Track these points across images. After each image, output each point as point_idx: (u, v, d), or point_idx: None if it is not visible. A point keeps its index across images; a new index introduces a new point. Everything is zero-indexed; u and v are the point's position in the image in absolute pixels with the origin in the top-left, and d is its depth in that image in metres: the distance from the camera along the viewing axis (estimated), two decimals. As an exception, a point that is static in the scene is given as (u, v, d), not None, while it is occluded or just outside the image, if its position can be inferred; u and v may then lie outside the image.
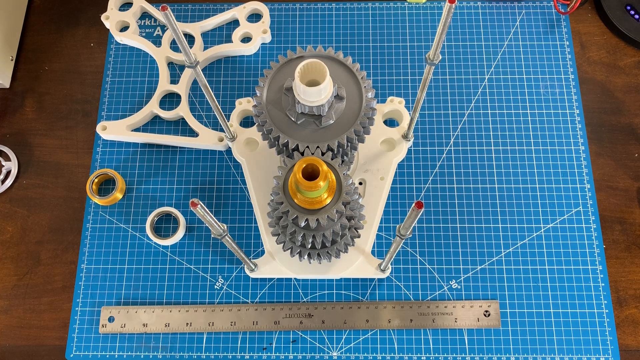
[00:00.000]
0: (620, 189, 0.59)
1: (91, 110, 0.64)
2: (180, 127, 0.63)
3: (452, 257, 0.57)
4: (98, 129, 0.61)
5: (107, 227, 0.59)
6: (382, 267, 0.54)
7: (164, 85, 0.63)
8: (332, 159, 0.43)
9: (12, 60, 0.66)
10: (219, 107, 0.51)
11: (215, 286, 0.57)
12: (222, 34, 0.67)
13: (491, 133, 0.61)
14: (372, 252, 0.56)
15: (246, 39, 0.66)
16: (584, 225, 0.58)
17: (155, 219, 0.58)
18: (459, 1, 0.67)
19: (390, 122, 0.62)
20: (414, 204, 0.33)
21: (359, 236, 0.48)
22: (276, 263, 0.55)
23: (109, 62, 0.66)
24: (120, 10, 0.67)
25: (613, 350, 0.53)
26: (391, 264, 0.56)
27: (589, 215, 0.58)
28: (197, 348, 0.54)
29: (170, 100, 0.64)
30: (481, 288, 0.56)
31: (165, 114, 0.62)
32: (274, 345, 0.54)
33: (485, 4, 0.67)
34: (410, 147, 0.61)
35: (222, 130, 0.62)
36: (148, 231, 0.57)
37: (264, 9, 0.66)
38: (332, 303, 0.55)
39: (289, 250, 0.49)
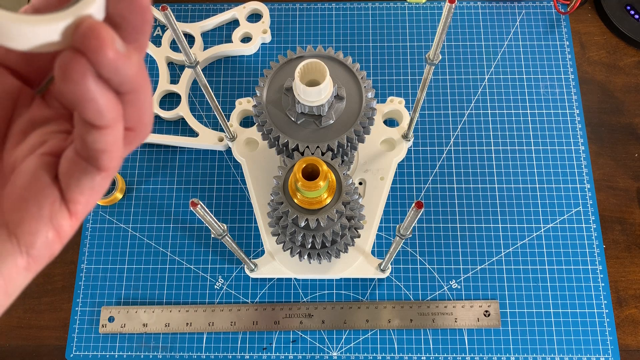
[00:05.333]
0: (620, 189, 0.59)
1: (91, 110, 0.64)
2: (180, 127, 0.63)
3: (452, 257, 0.57)
4: (98, 129, 0.61)
5: (107, 227, 0.59)
6: (382, 267, 0.54)
7: (163, 85, 0.63)
8: (332, 159, 0.43)
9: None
10: (219, 107, 0.51)
11: (215, 286, 0.57)
12: (222, 34, 0.67)
13: (491, 133, 0.61)
14: (372, 252, 0.56)
15: (246, 39, 0.66)
16: (584, 225, 0.58)
17: None
18: (458, 1, 0.67)
19: (390, 122, 0.62)
20: (413, 204, 0.33)
21: (359, 236, 0.48)
22: (276, 263, 0.55)
23: (109, 62, 0.66)
24: (120, 10, 0.67)
25: (613, 350, 0.53)
26: (391, 264, 0.56)
27: (589, 215, 0.58)
28: (197, 348, 0.54)
29: (170, 100, 0.64)
30: (481, 288, 0.56)
31: (165, 114, 0.62)
32: (274, 345, 0.54)
33: (485, 4, 0.67)
34: (410, 147, 0.61)
35: (222, 130, 0.62)
36: None
37: (264, 9, 0.66)
38: (332, 303, 0.55)
39: (289, 250, 0.49)
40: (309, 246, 0.46)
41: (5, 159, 0.19)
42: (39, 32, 0.15)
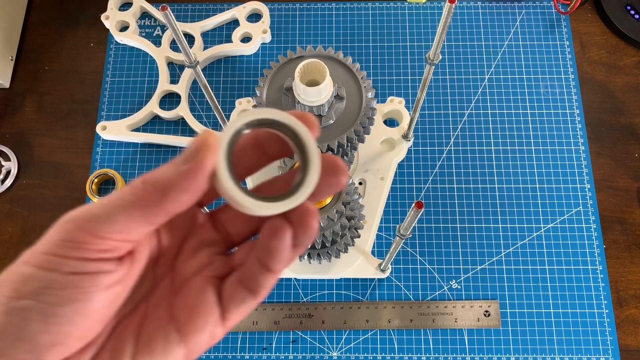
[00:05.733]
0: (620, 189, 0.59)
1: (91, 110, 0.64)
2: (180, 127, 0.63)
3: (452, 257, 0.57)
4: (98, 129, 0.61)
5: (107, 227, 0.59)
6: (382, 267, 0.54)
7: (163, 85, 0.63)
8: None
9: (12, 60, 0.66)
10: (219, 107, 0.51)
11: (215, 286, 0.56)
12: (222, 33, 0.67)
13: (491, 133, 0.61)
14: (372, 252, 0.56)
15: (246, 39, 0.66)
16: (584, 225, 0.58)
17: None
18: (459, 1, 0.67)
19: (390, 122, 0.62)
20: (414, 204, 0.33)
21: (358, 236, 0.48)
22: (276, 263, 0.55)
23: (109, 62, 0.66)
24: (120, 10, 0.67)
25: (613, 351, 0.53)
26: (391, 264, 0.56)
27: (589, 215, 0.58)
28: (197, 348, 0.54)
29: (170, 100, 0.64)
30: (481, 288, 0.56)
31: (165, 114, 0.62)
32: (273, 345, 0.54)
33: (485, 4, 0.67)
34: (410, 147, 0.61)
35: (222, 130, 0.62)
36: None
37: (263, 8, 0.66)
38: (332, 303, 0.55)
39: (289, 250, 0.49)
40: (309, 246, 0.46)
41: (177, 270, 0.24)
42: (269, 211, 0.21)
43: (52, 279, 0.19)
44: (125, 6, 0.67)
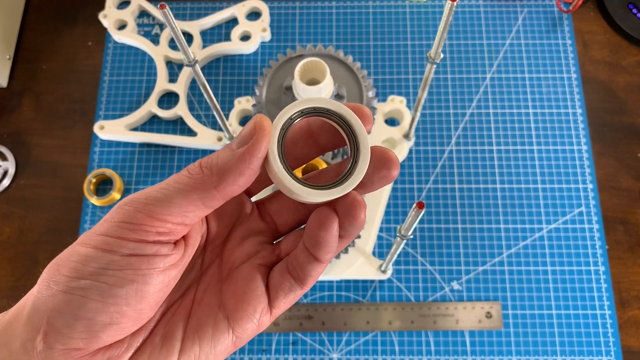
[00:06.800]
0: (623, 189, 0.59)
1: (89, 109, 0.64)
2: (179, 126, 0.62)
3: (453, 258, 0.56)
4: (96, 128, 0.61)
5: (105, 228, 0.58)
6: (382, 268, 0.54)
7: (162, 84, 0.63)
8: (332, 159, 0.43)
9: (9, 59, 0.65)
10: (218, 107, 0.50)
11: (214, 287, 0.56)
12: (221, 32, 0.67)
13: (493, 132, 0.61)
14: (373, 253, 0.56)
15: (245, 38, 0.65)
16: (586, 226, 0.57)
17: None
18: (460, 0, 0.67)
19: (391, 122, 0.61)
20: (415, 204, 0.33)
21: (359, 237, 0.48)
22: (276, 264, 0.54)
23: (107, 61, 0.65)
24: (118, 8, 0.66)
25: (616, 352, 0.53)
26: (392, 265, 0.56)
27: (592, 215, 0.57)
28: (195, 350, 0.54)
29: (169, 99, 0.63)
30: (483, 289, 0.55)
31: (164, 114, 0.61)
32: (273, 347, 0.54)
33: (487, 2, 0.67)
34: (412, 146, 0.60)
35: (221, 129, 0.61)
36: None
37: (263, 7, 0.66)
38: (332, 304, 0.55)
39: (289, 251, 0.48)
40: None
41: (225, 257, 0.24)
42: (318, 198, 0.21)
43: (111, 260, 0.20)
44: (123, 4, 0.67)
